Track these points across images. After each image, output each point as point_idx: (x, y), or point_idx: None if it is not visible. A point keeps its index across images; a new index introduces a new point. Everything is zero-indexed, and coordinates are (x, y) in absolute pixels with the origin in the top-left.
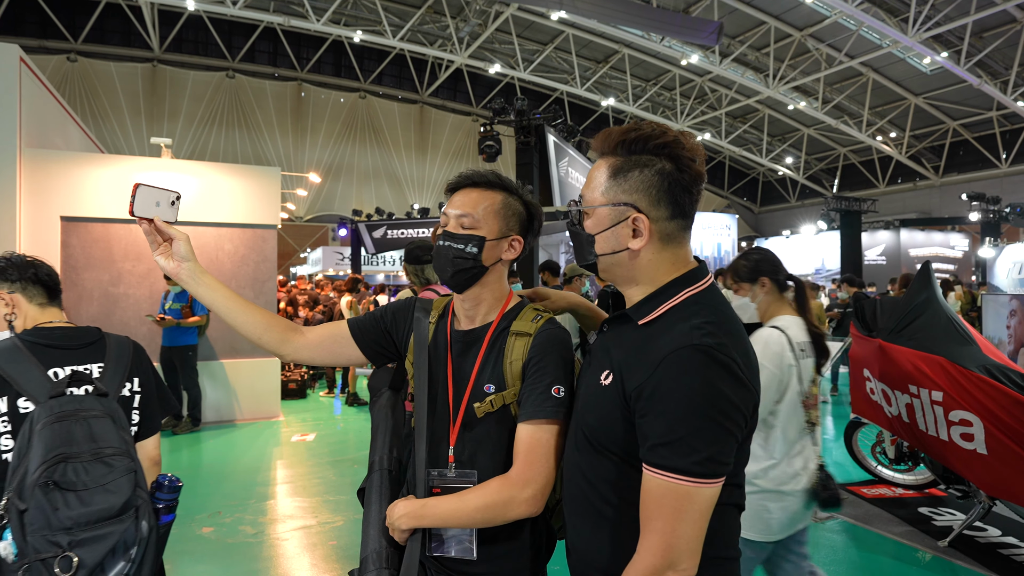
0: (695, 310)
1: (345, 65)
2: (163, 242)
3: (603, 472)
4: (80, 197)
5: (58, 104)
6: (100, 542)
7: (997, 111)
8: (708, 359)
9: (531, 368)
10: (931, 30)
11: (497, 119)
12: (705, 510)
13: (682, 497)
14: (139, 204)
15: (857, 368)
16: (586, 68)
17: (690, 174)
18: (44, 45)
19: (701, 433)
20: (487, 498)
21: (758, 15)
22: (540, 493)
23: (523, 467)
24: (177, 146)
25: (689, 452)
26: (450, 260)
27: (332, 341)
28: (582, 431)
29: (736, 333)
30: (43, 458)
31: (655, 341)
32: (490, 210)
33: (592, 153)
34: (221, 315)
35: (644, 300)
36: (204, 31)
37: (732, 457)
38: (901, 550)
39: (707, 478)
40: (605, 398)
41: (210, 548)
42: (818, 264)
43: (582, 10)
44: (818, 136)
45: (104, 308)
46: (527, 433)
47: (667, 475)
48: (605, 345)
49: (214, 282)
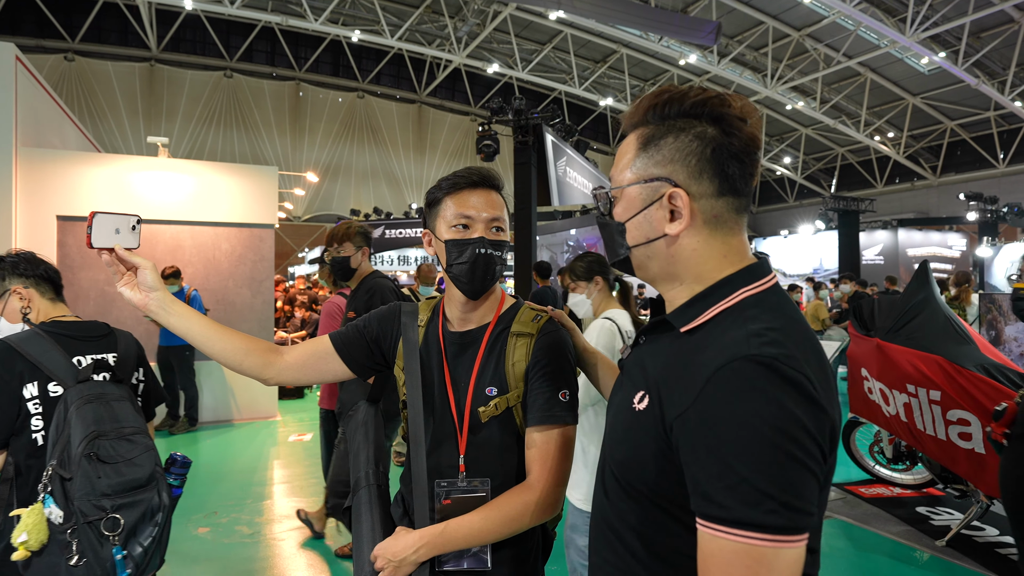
0: (754, 314)
1: (343, 65)
2: (127, 271)
3: (635, 523)
4: (76, 196)
5: (54, 103)
6: (134, 508)
7: (995, 111)
8: (771, 373)
9: (536, 371)
10: (929, 30)
11: (495, 118)
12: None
13: (758, 562)
14: (96, 234)
15: (855, 367)
16: (584, 68)
17: (740, 138)
18: (41, 44)
19: (770, 472)
20: (512, 510)
21: (756, 15)
22: (557, 500)
23: (540, 473)
24: (175, 146)
25: (758, 499)
26: (493, 271)
27: (316, 359)
28: (610, 469)
29: (808, 343)
30: (83, 434)
31: (702, 353)
32: (506, 213)
33: (624, 128)
34: (197, 345)
35: (689, 302)
36: (202, 30)
37: (815, 504)
38: (899, 549)
39: (787, 534)
40: (639, 426)
41: (206, 548)
42: (816, 264)
43: (580, 10)
44: (816, 136)
45: (100, 307)
46: (540, 439)
47: (729, 532)
48: (640, 359)
49: (186, 310)
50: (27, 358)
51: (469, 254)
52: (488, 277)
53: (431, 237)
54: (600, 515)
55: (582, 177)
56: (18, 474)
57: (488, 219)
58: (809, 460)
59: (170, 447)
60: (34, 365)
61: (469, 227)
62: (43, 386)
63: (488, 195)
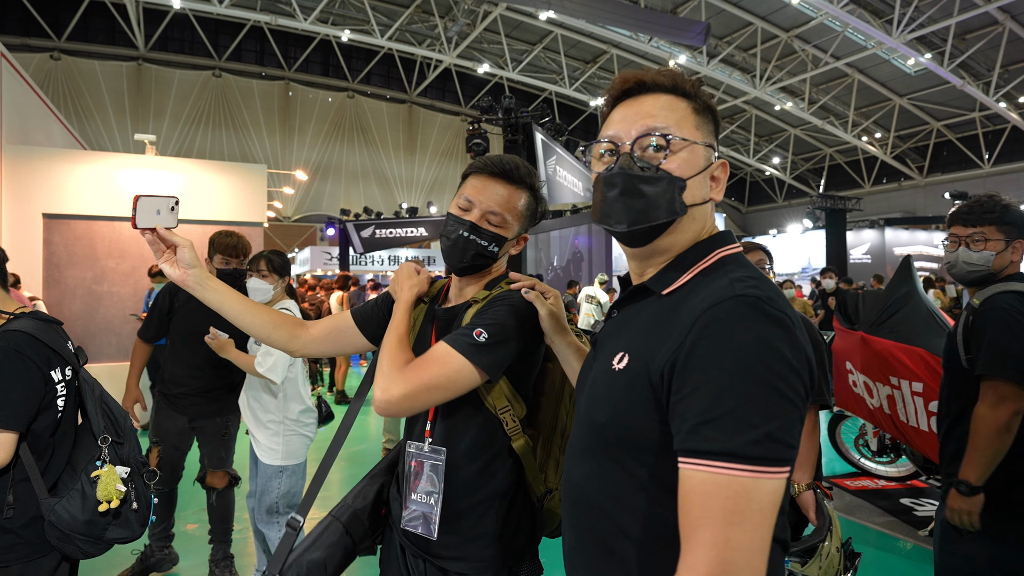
0: (733, 267)
1: (333, 64)
2: (167, 249)
3: (615, 487)
4: (63, 194)
5: (40, 101)
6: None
7: (980, 112)
8: (756, 312)
9: (472, 318)
10: (915, 32)
11: (484, 117)
12: (768, 511)
13: (737, 493)
14: (140, 215)
15: (840, 361)
16: (574, 68)
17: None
18: (27, 43)
19: (757, 403)
20: (387, 360)
21: (745, 16)
22: (394, 397)
23: (407, 370)
24: (163, 145)
25: (742, 429)
26: (470, 254)
27: (338, 332)
28: (591, 431)
29: (783, 296)
30: (119, 406)
31: (687, 303)
32: (516, 212)
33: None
34: (231, 318)
35: (665, 268)
36: (190, 30)
37: (798, 439)
38: (883, 540)
39: (768, 465)
40: (619, 385)
41: (194, 544)
42: (804, 263)
43: (570, 10)
44: (804, 136)
45: (87, 306)
46: (433, 350)
47: (713, 465)
48: (616, 328)
49: (221, 286)
50: (49, 345)
51: (453, 232)
52: (464, 259)
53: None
54: (573, 479)
55: (572, 176)
56: (42, 450)
57: (486, 211)
58: (793, 395)
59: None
60: (55, 351)
61: (468, 209)
62: (63, 370)
63: (499, 187)
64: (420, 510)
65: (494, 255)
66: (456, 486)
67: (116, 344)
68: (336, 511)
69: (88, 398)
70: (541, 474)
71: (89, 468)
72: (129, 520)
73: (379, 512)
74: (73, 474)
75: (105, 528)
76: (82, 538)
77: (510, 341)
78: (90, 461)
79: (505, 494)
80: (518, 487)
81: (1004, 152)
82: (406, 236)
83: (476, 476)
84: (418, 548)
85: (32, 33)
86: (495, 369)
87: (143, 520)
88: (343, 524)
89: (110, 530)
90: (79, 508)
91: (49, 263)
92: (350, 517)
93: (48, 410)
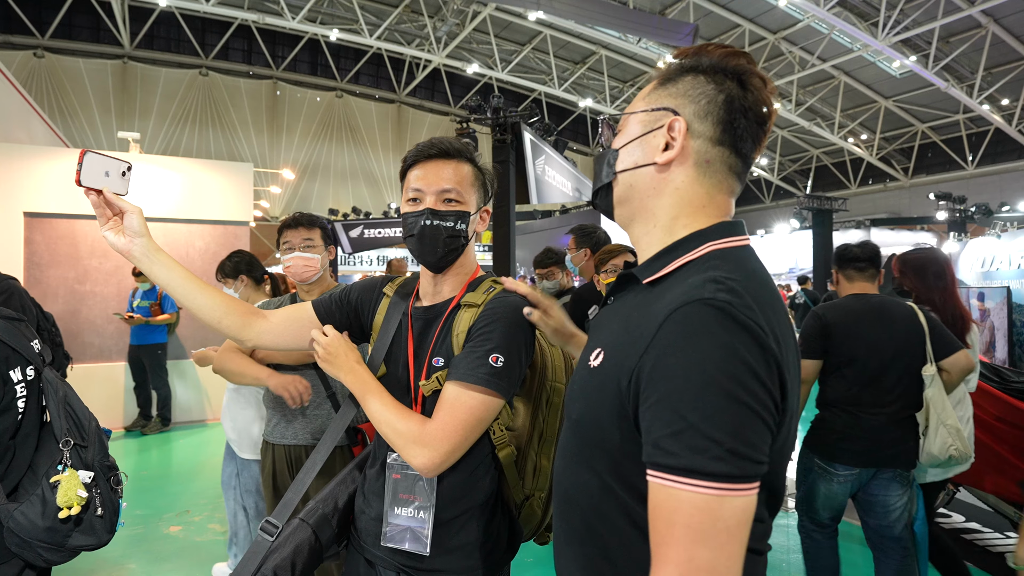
0: (716, 264)
1: (321, 64)
2: (113, 216)
3: (587, 484)
4: (44, 192)
5: (22, 99)
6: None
7: (963, 114)
8: (723, 317)
9: (474, 334)
10: (900, 34)
11: (473, 117)
12: (736, 530)
13: (701, 511)
14: (87, 173)
15: None
16: (564, 69)
17: (756, 96)
18: (9, 40)
19: (720, 417)
20: (402, 427)
21: (733, 18)
22: (441, 459)
23: (437, 428)
24: (149, 144)
25: (705, 444)
26: (442, 241)
27: (297, 324)
28: (568, 426)
29: (768, 301)
30: (85, 407)
31: (659, 301)
32: (467, 183)
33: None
34: (178, 297)
35: (656, 255)
36: (176, 28)
37: (766, 452)
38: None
39: (734, 482)
40: (593, 384)
41: (177, 546)
42: (792, 264)
43: (559, 11)
44: (792, 138)
45: (70, 306)
46: (453, 394)
47: (677, 481)
48: (604, 319)
49: (169, 260)
50: (8, 343)
51: (416, 227)
52: (438, 248)
53: None
54: (558, 489)
55: (561, 176)
56: (2, 453)
57: (439, 191)
58: (759, 407)
59: (143, 447)
60: (14, 350)
61: (419, 200)
62: (24, 370)
63: (440, 165)
64: (406, 524)
65: (463, 233)
66: (439, 497)
67: (99, 344)
68: (304, 514)
69: (51, 399)
70: (520, 481)
71: (50, 473)
72: (94, 527)
73: (348, 517)
74: (34, 479)
75: (67, 535)
76: (43, 545)
77: (521, 362)
78: (51, 465)
79: (486, 503)
80: (498, 495)
81: (987, 154)
82: (395, 236)
83: (460, 486)
84: (393, 560)
85: (15, 30)
86: (511, 391)
87: (110, 527)
88: (311, 527)
89: (73, 537)
90: (39, 514)
91: (31, 262)
92: (318, 520)
93: (8, 411)
